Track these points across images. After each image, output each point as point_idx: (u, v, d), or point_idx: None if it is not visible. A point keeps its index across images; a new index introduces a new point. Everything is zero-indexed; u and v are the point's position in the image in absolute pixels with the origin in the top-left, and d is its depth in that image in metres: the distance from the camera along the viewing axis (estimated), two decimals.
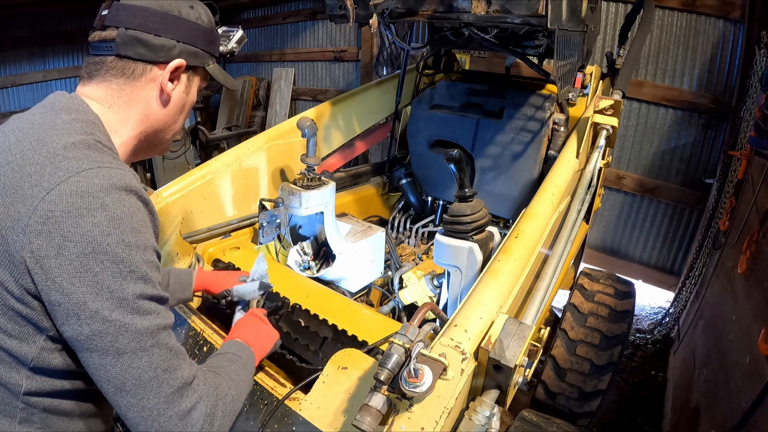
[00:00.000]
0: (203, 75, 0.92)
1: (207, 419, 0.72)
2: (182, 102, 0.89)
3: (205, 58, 0.89)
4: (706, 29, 3.30)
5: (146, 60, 0.80)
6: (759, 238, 1.90)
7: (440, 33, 2.06)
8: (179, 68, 0.84)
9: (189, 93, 0.90)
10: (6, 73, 5.50)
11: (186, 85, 0.88)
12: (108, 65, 0.80)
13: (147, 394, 0.66)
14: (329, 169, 2.53)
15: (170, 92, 0.84)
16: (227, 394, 0.79)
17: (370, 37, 4.92)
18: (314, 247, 2.01)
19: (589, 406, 2.01)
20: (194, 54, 0.86)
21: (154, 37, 0.79)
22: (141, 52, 0.79)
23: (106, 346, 0.64)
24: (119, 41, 0.78)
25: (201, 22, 0.86)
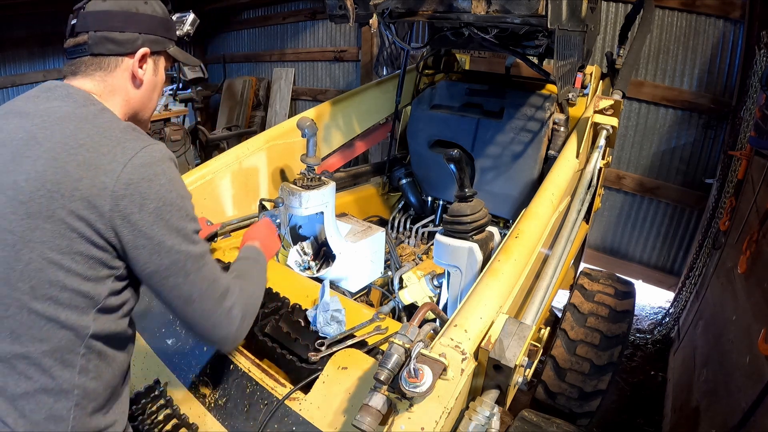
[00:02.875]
0: (167, 57, 1.06)
1: (242, 313, 0.96)
2: (153, 83, 1.03)
3: (165, 43, 1.03)
4: (706, 29, 3.30)
5: (116, 53, 0.94)
6: (759, 238, 1.90)
7: (440, 33, 2.06)
8: (145, 55, 0.97)
9: (158, 74, 1.04)
10: (6, 73, 5.50)
11: (153, 68, 1.02)
12: (86, 63, 0.93)
13: (205, 300, 0.89)
14: (329, 169, 2.53)
15: (141, 77, 0.98)
16: (253, 294, 1.05)
17: (370, 37, 4.92)
18: (314, 247, 2.01)
19: (589, 406, 2.01)
20: (155, 41, 0.99)
21: (120, 34, 0.93)
22: (111, 48, 0.93)
23: (179, 270, 0.85)
24: (91, 42, 0.91)
25: (156, 14, 1.00)
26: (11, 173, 0.78)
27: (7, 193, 0.77)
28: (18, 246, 0.76)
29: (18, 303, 0.78)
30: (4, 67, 5.47)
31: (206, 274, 0.90)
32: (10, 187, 0.77)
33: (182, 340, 1.43)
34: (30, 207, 0.76)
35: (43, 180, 0.76)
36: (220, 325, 0.92)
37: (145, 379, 1.41)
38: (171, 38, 1.05)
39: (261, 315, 1.45)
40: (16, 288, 0.77)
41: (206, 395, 1.28)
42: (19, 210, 0.76)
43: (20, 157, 0.79)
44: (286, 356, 1.29)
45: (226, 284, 0.94)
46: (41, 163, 0.78)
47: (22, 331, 0.78)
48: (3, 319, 0.78)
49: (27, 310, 0.78)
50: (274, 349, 1.32)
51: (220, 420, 1.22)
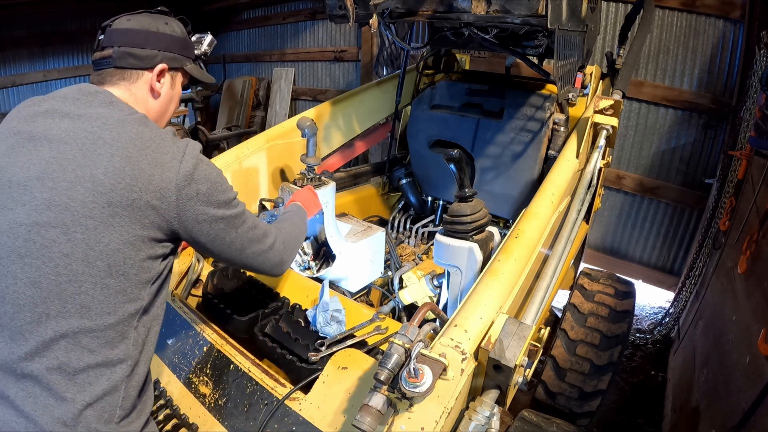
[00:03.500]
0: (183, 73, 1.18)
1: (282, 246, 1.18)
2: (170, 95, 1.15)
3: (182, 60, 1.15)
4: (706, 29, 3.30)
5: (137, 67, 1.06)
6: (759, 238, 1.90)
7: (440, 33, 2.06)
8: (163, 70, 1.09)
9: (174, 88, 1.16)
10: (6, 73, 5.49)
11: (171, 82, 1.14)
12: (111, 74, 1.05)
13: (252, 244, 1.09)
14: (329, 169, 2.53)
15: (159, 89, 1.10)
16: (291, 232, 1.27)
17: (370, 37, 4.92)
18: (314, 247, 2.01)
19: (589, 406, 2.01)
20: (173, 58, 1.11)
21: (141, 50, 1.05)
22: (132, 62, 1.05)
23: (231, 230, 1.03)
24: (115, 56, 1.03)
25: (175, 34, 1.12)
26: (86, 168, 0.87)
27: (85, 185, 0.86)
28: (99, 229, 0.87)
29: (93, 280, 0.87)
30: (4, 67, 5.46)
31: (249, 224, 1.08)
32: (88, 180, 0.87)
33: (182, 340, 1.43)
34: (111, 197, 0.87)
35: (122, 174, 0.88)
36: (268, 260, 1.14)
37: None
38: (188, 56, 1.17)
39: (261, 315, 1.45)
40: (94, 266, 0.87)
41: (206, 395, 1.28)
42: (100, 199, 0.87)
43: (92, 154, 0.89)
44: (286, 356, 1.29)
45: (265, 227, 1.15)
46: (117, 160, 0.88)
47: (92, 306, 0.88)
48: (75, 295, 0.87)
49: (101, 285, 0.88)
50: (274, 349, 1.33)
51: (220, 420, 1.22)
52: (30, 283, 0.85)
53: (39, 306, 0.85)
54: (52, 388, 0.84)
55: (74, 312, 0.86)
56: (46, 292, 0.85)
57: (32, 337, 0.85)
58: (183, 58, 1.14)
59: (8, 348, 0.85)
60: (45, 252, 0.85)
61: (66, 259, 0.86)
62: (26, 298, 0.85)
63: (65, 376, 0.85)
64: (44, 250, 0.85)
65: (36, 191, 0.87)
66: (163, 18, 1.12)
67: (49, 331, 0.85)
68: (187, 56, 1.16)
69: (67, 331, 0.86)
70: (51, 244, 0.85)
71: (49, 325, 0.85)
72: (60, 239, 0.85)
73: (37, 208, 0.86)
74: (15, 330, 0.85)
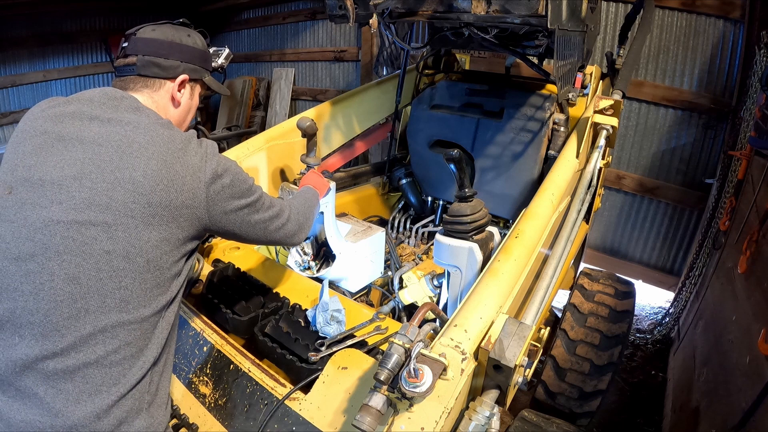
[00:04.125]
0: (202, 84, 1.24)
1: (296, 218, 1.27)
2: (189, 105, 1.21)
3: (202, 72, 1.21)
4: (706, 29, 3.30)
5: (160, 77, 1.11)
6: (759, 238, 1.90)
7: (440, 33, 2.06)
8: (184, 81, 1.15)
9: (193, 98, 1.22)
10: (6, 73, 5.48)
11: (190, 92, 1.20)
12: (134, 81, 1.10)
13: (273, 220, 1.17)
14: (329, 169, 2.53)
15: (179, 99, 1.16)
16: (301, 207, 1.35)
17: (370, 37, 4.92)
18: (314, 247, 2.01)
19: (589, 406, 2.01)
20: (194, 70, 1.17)
21: (164, 60, 1.10)
22: (156, 71, 1.10)
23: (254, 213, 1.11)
24: (139, 64, 1.08)
25: (197, 46, 1.18)
26: (125, 170, 0.92)
27: (126, 187, 0.91)
28: (140, 228, 0.91)
29: (132, 275, 0.91)
30: (4, 67, 5.46)
31: (267, 204, 1.16)
32: (128, 182, 0.91)
33: (182, 340, 1.43)
34: (151, 198, 0.92)
35: (160, 177, 0.93)
36: (288, 231, 1.24)
37: None
38: (208, 68, 1.23)
39: (261, 315, 1.45)
40: (134, 262, 0.91)
41: (206, 395, 1.28)
42: (140, 200, 0.91)
43: (128, 156, 0.93)
44: (286, 356, 1.29)
45: (280, 204, 1.22)
46: (154, 163, 0.93)
47: (131, 299, 0.91)
48: (116, 290, 0.90)
49: (140, 280, 0.92)
50: (274, 349, 1.32)
51: (220, 420, 1.22)
52: (69, 279, 0.87)
53: (78, 302, 0.87)
54: (87, 382, 0.86)
55: (113, 306, 0.89)
56: (86, 288, 0.87)
57: (69, 333, 0.86)
58: (203, 70, 1.20)
59: (39, 345, 0.85)
60: (86, 249, 0.88)
61: (107, 256, 0.89)
62: (65, 294, 0.86)
63: (101, 369, 0.88)
64: (84, 247, 0.88)
65: (74, 191, 0.89)
66: (185, 30, 1.18)
67: (88, 326, 0.87)
68: (207, 68, 1.23)
69: (106, 325, 0.89)
70: (92, 241, 0.88)
71: (88, 320, 0.87)
72: (101, 237, 0.89)
73: (76, 207, 0.88)
74: (50, 327, 0.86)
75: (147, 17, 7.64)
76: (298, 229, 1.27)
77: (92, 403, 0.86)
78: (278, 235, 1.21)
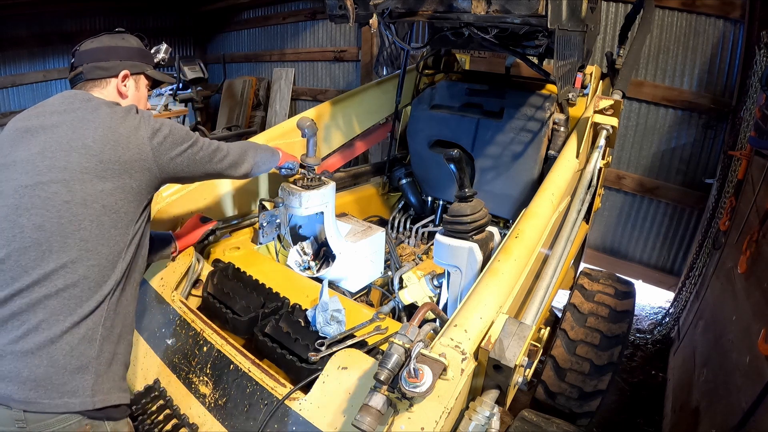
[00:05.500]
0: (146, 77, 1.40)
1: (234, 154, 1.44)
2: (137, 96, 1.37)
3: (143, 66, 1.38)
4: (706, 29, 3.30)
5: (105, 76, 1.29)
6: (759, 238, 1.90)
7: (440, 33, 2.06)
8: (126, 75, 1.32)
9: (139, 89, 1.39)
10: (6, 73, 5.48)
11: (135, 84, 1.36)
12: (85, 85, 1.28)
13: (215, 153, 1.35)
14: (329, 169, 2.53)
15: (126, 92, 1.33)
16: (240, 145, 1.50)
17: (370, 37, 4.92)
18: (314, 247, 2.01)
19: (589, 406, 2.01)
20: (133, 65, 1.34)
21: (105, 62, 1.28)
22: (99, 72, 1.28)
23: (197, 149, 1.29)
24: (85, 71, 1.27)
25: (132, 45, 1.36)
26: (78, 139, 1.10)
27: (79, 151, 1.09)
28: (94, 181, 1.09)
29: (90, 218, 1.08)
30: (4, 67, 5.46)
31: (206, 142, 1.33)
32: (81, 147, 1.09)
33: (182, 340, 1.43)
34: (101, 156, 1.10)
35: (107, 139, 1.11)
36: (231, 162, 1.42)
37: (145, 379, 1.41)
38: (148, 63, 1.39)
39: (261, 315, 1.45)
40: (91, 207, 1.08)
41: (206, 395, 1.28)
42: (93, 159, 1.09)
43: (80, 129, 1.11)
44: (286, 356, 1.29)
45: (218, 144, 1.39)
46: (101, 131, 1.12)
47: (90, 238, 1.08)
48: (75, 231, 1.06)
49: (97, 222, 1.09)
50: (274, 349, 1.33)
51: (220, 420, 1.22)
52: (35, 228, 1.04)
53: (43, 245, 1.04)
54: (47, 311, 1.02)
55: (74, 245, 1.06)
56: (49, 232, 1.04)
57: (35, 272, 1.02)
58: (142, 64, 1.37)
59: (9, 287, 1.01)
60: (48, 202, 1.05)
61: (67, 205, 1.06)
62: (31, 241, 1.03)
63: (59, 300, 1.04)
64: (47, 201, 1.05)
65: (38, 162, 1.08)
66: (120, 35, 1.36)
67: (51, 263, 1.03)
68: (147, 62, 1.39)
69: (67, 261, 1.05)
70: (54, 195, 1.05)
71: (51, 258, 1.04)
72: (61, 191, 1.06)
73: (40, 172, 1.06)
74: (19, 270, 1.02)
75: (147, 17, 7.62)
76: (239, 159, 1.44)
77: (49, 329, 1.01)
78: (222, 165, 1.38)
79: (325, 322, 1.34)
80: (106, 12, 6.02)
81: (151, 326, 1.52)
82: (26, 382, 0.98)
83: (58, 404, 1.00)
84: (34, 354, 0.99)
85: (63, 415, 1.01)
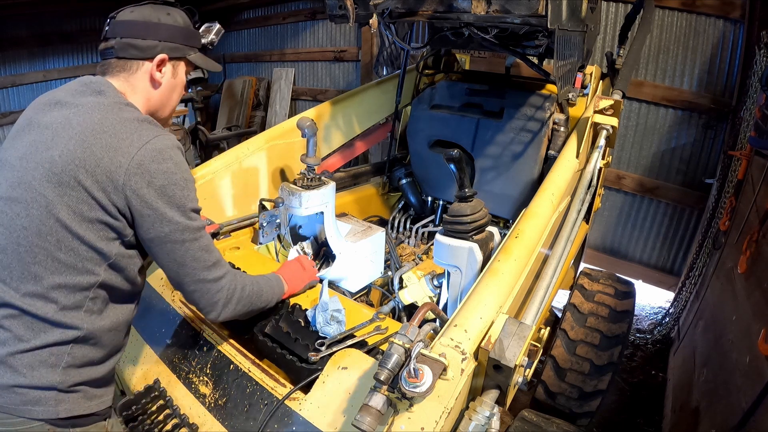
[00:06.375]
0: (187, 62, 1.19)
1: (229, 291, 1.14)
2: (172, 85, 1.17)
3: (185, 50, 1.16)
4: (706, 29, 3.30)
5: (138, 58, 1.09)
6: (759, 238, 1.90)
7: (440, 33, 2.06)
8: (163, 60, 1.11)
9: (176, 77, 1.18)
10: (6, 73, 5.48)
11: (172, 71, 1.16)
12: (113, 65, 1.09)
13: (197, 265, 1.06)
14: (329, 169, 2.53)
15: (159, 79, 1.12)
16: (246, 287, 1.20)
17: (370, 37, 4.92)
18: (314, 247, 2.01)
19: (589, 406, 2.01)
20: (174, 48, 1.13)
21: (141, 41, 1.08)
22: (133, 52, 1.08)
23: (176, 238, 1.02)
24: (117, 47, 1.08)
25: (177, 24, 1.14)
26: (49, 150, 0.96)
27: (44, 166, 0.95)
28: (49, 207, 0.94)
29: (45, 252, 0.95)
30: (4, 67, 5.45)
31: (200, 244, 1.07)
32: (47, 161, 0.95)
33: (182, 340, 1.43)
34: (61, 177, 0.94)
35: (73, 156, 0.94)
36: (207, 291, 1.11)
37: (145, 379, 1.41)
38: (192, 45, 1.19)
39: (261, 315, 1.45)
40: (46, 240, 0.95)
41: (206, 395, 1.28)
42: (53, 179, 0.94)
43: (58, 137, 0.97)
44: (286, 356, 1.29)
45: (218, 257, 1.12)
46: (72, 143, 0.95)
47: (45, 275, 0.95)
48: (31, 264, 0.95)
49: (52, 258, 0.95)
50: (274, 349, 1.32)
51: (220, 420, 1.22)
52: (0, 248, 0.96)
53: (6, 269, 0.96)
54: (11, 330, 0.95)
55: (30, 278, 0.95)
56: (10, 258, 0.96)
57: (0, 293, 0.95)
58: (186, 47, 1.16)
59: None
60: (11, 224, 0.96)
61: (24, 232, 0.95)
62: None
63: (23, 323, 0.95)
64: (11, 222, 0.96)
65: (16, 170, 0.98)
66: (165, 9, 1.14)
67: (10, 290, 0.95)
68: (191, 45, 1.18)
69: (26, 293, 0.95)
70: (16, 217, 0.95)
71: (12, 283, 0.95)
72: (21, 213, 0.95)
73: (12, 185, 0.97)
74: None
75: None
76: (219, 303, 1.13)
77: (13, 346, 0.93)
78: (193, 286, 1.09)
79: (325, 322, 1.34)
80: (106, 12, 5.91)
81: (151, 326, 1.52)
82: None
83: (21, 410, 0.95)
84: None
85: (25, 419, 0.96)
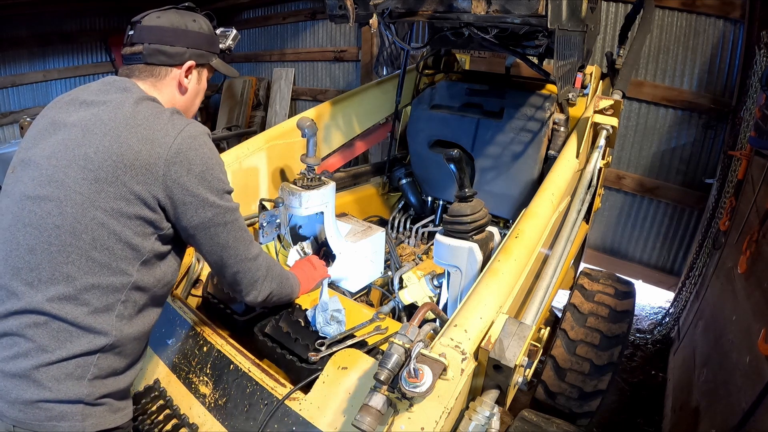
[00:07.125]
0: (209, 68, 1.23)
1: (266, 267, 1.20)
2: (196, 90, 1.21)
3: (209, 56, 1.19)
4: (706, 29, 3.30)
5: (167, 64, 1.11)
6: (759, 238, 1.90)
7: (440, 33, 2.06)
8: (191, 67, 1.15)
9: (200, 83, 1.22)
10: (6, 73, 5.48)
11: (197, 77, 1.19)
12: (140, 69, 1.11)
13: (239, 245, 1.11)
14: (329, 169, 2.53)
15: (186, 85, 1.16)
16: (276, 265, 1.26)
17: (370, 37, 4.92)
18: (314, 247, 2.01)
19: (589, 406, 2.01)
20: (200, 55, 1.16)
21: (170, 47, 1.10)
22: (162, 59, 1.10)
23: (219, 221, 1.05)
24: (145, 53, 1.09)
25: (203, 31, 1.16)
26: (82, 147, 0.95)
27: (79, 163, 0.94)
28: (85, 205, 0.93)
29: (78, 252, 0.93)
30: (4, 67, 5.46)
31: (240, 224, 1.11)
32: (81, 158, 0.94)
33: (182, 340, 1.43)
34: (98, 174, 0.93)
35: (110, 152, 0.94)
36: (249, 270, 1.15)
37: (145, 379, 1.41)
38: (214, 52, 1.22)
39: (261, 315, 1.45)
40: (80, 238, 0.93)
41: (206, 395, 1.28)
42: (89, 176, 0.93)
43: (90, 134, 0.96)
44: (286, 356, 1.29)
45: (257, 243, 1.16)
46: (108, 139, 0.95)
47: (78, 276, 0.94)
48: (63, 264, 0.93)
49: (86, 257, 0.94)
50: (274, 349, 1.33)
51: (220, 420, 1.22)
52: (28, 249, 0.94)
53: (33, 271, 0.93)
54: (36, 339, 0.91)
55: (61, 279, 0.93)
56: (39, 258, 0.93)
57: (24, 298, 0.92)
58: (209, 54, 1.19)
59: (2, 304, 0.93)
60: (41, 222, 0.94)
61: (57, 231, 0.93)
62: (24, 263, 0.94)
63: (49, 332, 0.92)
64: (41, 221, 0.94)
65: (43, 168, 0.96)
66: (191, 15, 1.16)
67: (39, 294, 0.92)
68: (213, 52, 1.21)
69: (54, 295, 0.92)
70: (47, 215, 0.94)
71: (41, 287, 0.93)
72: (54, 212, 0.94)
73: (41, 183, 0.95)
74: (9, 292, 0.93)
75: None
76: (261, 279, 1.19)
77: (38, 358, 0.90)
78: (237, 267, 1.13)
79: (325, 322, 1.34)
80: (106, 12, 6.02)
81: None
82: (15, 403, 0.91)
83: (46, 426, 0.91)
84: (21, 378, 0.91)
85: None
